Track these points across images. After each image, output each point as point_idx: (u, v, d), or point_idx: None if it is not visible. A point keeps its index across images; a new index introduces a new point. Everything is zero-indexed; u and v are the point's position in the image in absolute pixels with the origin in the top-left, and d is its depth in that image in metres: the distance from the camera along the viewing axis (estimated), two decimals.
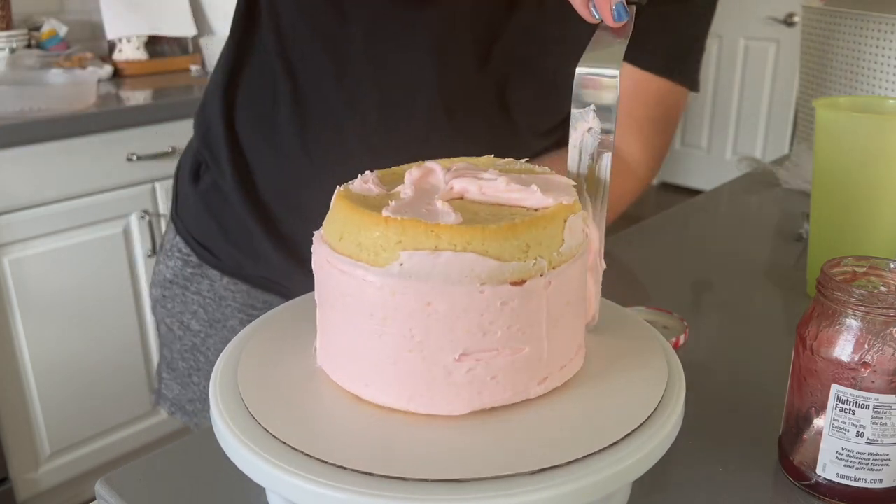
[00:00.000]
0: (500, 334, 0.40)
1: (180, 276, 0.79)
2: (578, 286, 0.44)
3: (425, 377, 0.40)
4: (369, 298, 0.39)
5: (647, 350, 0.47)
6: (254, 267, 0.75)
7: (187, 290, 0.78)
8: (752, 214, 1.04)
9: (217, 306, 0.77)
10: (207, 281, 0.77)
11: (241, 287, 0.77)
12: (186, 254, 0.79)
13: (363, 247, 0.40)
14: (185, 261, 0.79)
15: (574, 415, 0.41)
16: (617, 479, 0.37)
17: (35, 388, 1.69)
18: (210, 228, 0.77)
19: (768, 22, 3.63)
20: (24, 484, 1.72)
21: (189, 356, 0.79)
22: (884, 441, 0.43)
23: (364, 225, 0.40)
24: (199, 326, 0.78)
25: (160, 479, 0.49)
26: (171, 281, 0.79)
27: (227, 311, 0.77)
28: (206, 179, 0.77)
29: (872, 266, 0.47)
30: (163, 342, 0.83)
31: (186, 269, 0.78)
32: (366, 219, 0.40)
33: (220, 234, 0.76)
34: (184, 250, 0.79)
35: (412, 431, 0.40)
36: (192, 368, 0.79)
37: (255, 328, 0.51)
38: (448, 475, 0.36)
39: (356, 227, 0.40)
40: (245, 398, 0.42)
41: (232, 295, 0.77)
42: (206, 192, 0.77)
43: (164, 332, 0.82)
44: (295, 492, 0.36)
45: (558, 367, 0.43)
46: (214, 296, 0.77)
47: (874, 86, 1.01)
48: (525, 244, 0.39)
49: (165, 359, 0.83)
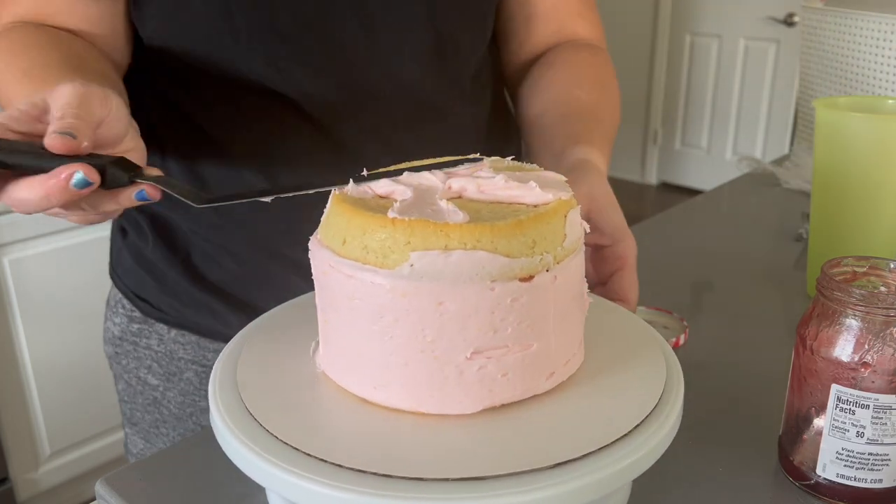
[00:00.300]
0: (510, 331, 0.40)
1: (128, 333, 0.76)
2: (580, 280, 0.44)
3: (437, 377, 0.40)
4: (378, 301, 0.39)
5: (647, 350, 0.47)
6: (197, 316, 0.72)
7: (138, 346, 0.76)
8: (752, 214, 1.04)
9: (170, 360, 0.74)
10: (156, 335, 0.74)
11: (191, 338, 0.73)
12: (130, 309, 0.76)
13: (370, 249, 0.39)
14: (129, 317, 0.76)
15: (573, 414, 0.41)
16: (616, 478, 0.37)
17: (35, 388, 1.69)
18: (145, 282, 0.74)
19: (768, 22, 3.64)
20: (24, 484, 1.72)
21: (153, 409, 0.77)
22: (884, 441, 0.43)
23: (370, 227, 0.39)
24: (157, 381, 0.75)
25: (160, 479, 0.49)
26: (121, 338, 0.77)
27: (181, 364, 0.74)
28: (131, 234, 0.75)
29: (872, 266, 0.47)
30: (121, 398, 0.80)
31: (133, 324, 0.76)
32: (372, 221, 0.39)
33: (156, 287, 0.73)
34: (127, 306, 0.76)
35: (421, 431, 0.40)
36: (157, 420, 0.77)
37: (256, 328, 0.51)
38: (447, 474, 0.36)
39: (361, 231, 0.40)
40: (246, 401, 0.42)
41: (182, 347, 0.74)
42: (132, 245, 0.74)
43: (123, 387, 0.79)
44: (301, 493, 0.36)
45: (564, 361, 0.43)
46: (165, 350, 0.74)
47: (874, 86, 1.01)
48: (532, 240, 0.40)
49: (126, 414, 0.80)
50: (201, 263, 0.70)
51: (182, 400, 0.75)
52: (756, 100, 3.79)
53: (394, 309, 0.39)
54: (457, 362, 0.40)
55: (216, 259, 0.70)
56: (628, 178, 4.37)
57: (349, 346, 0.42)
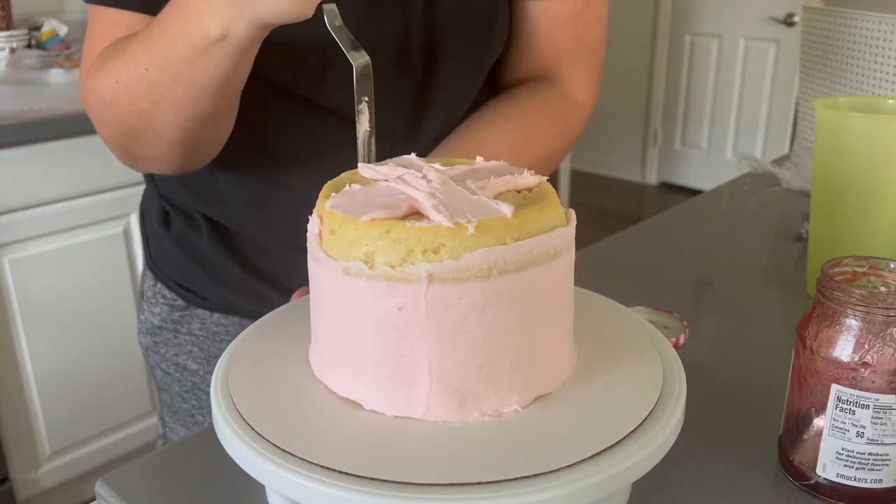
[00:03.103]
0: (504, 333, 0.40)
1: (169, 321, 0.77)
2: (569, 278, 0.44)
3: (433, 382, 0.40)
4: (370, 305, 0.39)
5: (647, 350, 0.47)
6: (244, 302, 0.74)
7: (178, 333, 0.77)
8: (752, 214, 1.04)
9: (212, 342, 0.75)
10: (198, 320, 0.76)
11: (233, 320, 0.75)
12: (171, 298, 0.77)
13: (369, 256, 0.39)
14: (171, 306, 0.77)
15: (574, 416, 0.41)
16: (617, 480, 0.37)
17: (35, 388, 1.69)
18: (192, 272, 0.75)
19: (768, 22, 3.64)
20: (24, 484, 1.72)
21: (190, 396, 0.78)
22: (884, 441, 0.43)
23: (368, 234, 0.39)
24: (197, 365, 0.76)
25: (160, 479, 0.49)
26: (161, 327, 0.78)
27: (223, 346, 0.75)
28: (177, 225, 0.75)
29: (872, 266, 0.47)
30: (160, 387, 0.81)
31: (174, 313, 0.77)
32: (374, 228, 0.39)
33: (204, 276, 0.74)
34: (168, 296, 0.77)
35: (413, 436, 0.40)
36: (194, 408, 0.78)
37: (255, 329, 0.51)
38: (449, 479, 0.36)
39: (372, 239, 0.39)
40: (240, 407, 0.42)
41: (225, 329, 0.75)
42: (180, 237, 0.75)
43: (160, 376, 0.80)
44: (302, 491, 0.36)
45: (561, 363, 0.43)
46: (207, 333, 0.76)
47: (874, 86, 1.01)
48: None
49: (165, 403, 0.81)
50: (250, 252, 0.72)
51: None
52: (756, 100, 3.79)
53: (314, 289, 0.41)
54: (455, 366, 0.40)
55: (264, 247, 0.71)
56: (628, 178, 4.37)
57: (341, 349, 0.42)
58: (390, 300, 0.39)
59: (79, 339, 1.73)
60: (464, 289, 0.38)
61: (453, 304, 0.39)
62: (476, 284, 0.39)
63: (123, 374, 1.82)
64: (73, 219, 1.66)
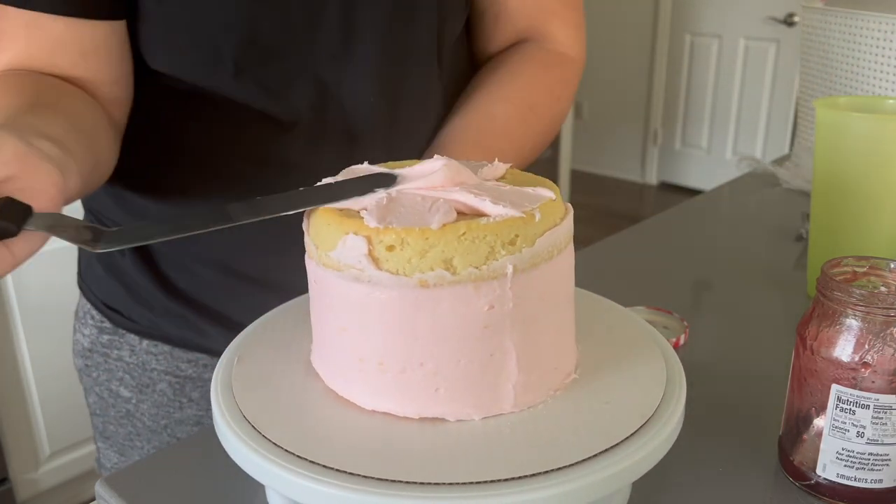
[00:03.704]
0: (506, 335, 0.40)
1: (98, 344, 0.74)
2: (567, 278, 0.45)
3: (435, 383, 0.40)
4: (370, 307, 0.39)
5: (647, 350, 0.47)
6: (170, 326, 0.71)
7: (109, 358, 0.74)
8: (752, 214, 1.04)
9: (142, 371, 0.73)
10: (127, 346, 0.73)
11: (163, 348, 0.71)
12: (100, 320, 0.74)
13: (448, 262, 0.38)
14: (99, 328, 0.74)
15: (574, 416, 0.41)
16: (617, 479, 0.37)
17: (35, 388, 1.69)
18: (117, 291, 0.71)
19: (768, 22, 3.63)
20: (24, 484, 1.72)
21: (126, 422, 0.75)
22: (884, 441, 0.43)
23: (410, 238, 0.38)
24: (129, 393, 0.74)
25: (160, 479, 0.49)
26: (91, 349, 0.75)
27: (154, 375, 0.72)
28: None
29: (872, 266, 0.47)
30: (92, 411, 0.78)
31: (103, 335, 0.74)
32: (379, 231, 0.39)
33: (128, 297, 0.71)
34: (96, 317, 0.74)
35: (413, 435, 0.40)
36: (131, 434, 0.75)
37: (254, 329, 0.51)
38: (450, 478, 0.36)
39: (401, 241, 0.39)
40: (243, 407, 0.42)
41: (154, 358, 0.72)
42: (104, 254, 0.71)
43: (94, 400, 0.77)
44: (303, 491, 0.36)
45: (563, 365, 0.43)
46: (137, 361, 0.72)
47: (874, 86, 1.01)
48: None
49: (98, 428, 0.78)
50: (173, 272, 0.68)
51: (156, 412, 0.73)
52: (756, 100, 3.79)
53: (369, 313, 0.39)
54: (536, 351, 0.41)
55: (188, 268, 0.68)
56: (628, 178, 4.37)
57: (331, 343, 0.42)
58: (478, 301, 0.38)
59: None
60: (539, 273, 0.40)
61: (532, 291, 0.40)
62: (545, 267, 0.40)
63: None
64: None
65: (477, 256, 0.38)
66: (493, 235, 0.38)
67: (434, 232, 0.38)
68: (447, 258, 0.38)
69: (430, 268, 0.38)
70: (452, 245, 0.38)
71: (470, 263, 0.38)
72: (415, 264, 0.38)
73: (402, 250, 0.38)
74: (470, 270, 0.38)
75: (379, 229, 0.38)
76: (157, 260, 0.69)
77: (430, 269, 0.38)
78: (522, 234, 0.39)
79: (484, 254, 0.38)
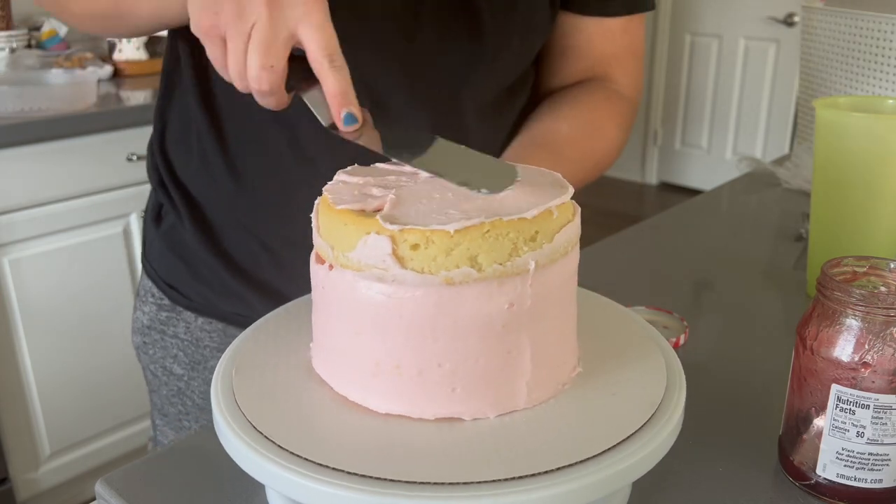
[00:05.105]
0: (508, 335, 0.40)
1: (156, 321, 0.78)
2: (570, 279, 0.45)
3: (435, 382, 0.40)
4: (373, 306, 0.40)
5: (647, 350, 0.47)
6: (226, 304, 0.73)
7: (165, 335, 0.77)
8: (752, 214, 1.04)
9: (196, 348, 0.75)
10: (183, 323, 0.76)
11: (217, 326, 0.75)
12: (159, 297, 0.77)
13: (474, 259, 0.39)
14: (158, 305, 0.78)
15: (574, 416, 0.41)
16: (617, 479, 0.37)
17: (35, 388, 1.69)
18: (177, 269, 0.75)
19: (768, 22, 3.63)
20: (24, 484, 1.72)
21: (176, 401, 0.78)
22: (884, 441, 0.43)
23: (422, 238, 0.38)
24: (182, 370, 0.76)
25: (160, 479, 0.49)
26: (149, 326, 0.78)
27: (206, 353, 0.75)
28: (167, 220, 0.76)
29: (872, 266, 0.47)
30: (150, 388, 0.81)
31: (161, 312, 0.77)
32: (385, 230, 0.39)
33: (187, 275, 0.75)
34: (156, 294, 0.78)
35: (412, 435, 0.40)
36: (181, 413, 0.78)
37: (254, 329, 0.51)
38: (447, 478, 0.36)
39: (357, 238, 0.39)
40: (242, 406, 0.42)
41: (208, 335, 0.75)
42: (167, 232, 0.76)
43: (150, 378, 0.80)
44: (303, 491, 0.36)
45: (564, 365, 0.43)
46: (191, 338, 0.76)
47: (874, 86, 1.01)
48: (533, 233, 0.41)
49: (156, 405, 0.81)
50: (234, 250, 0.72)
51: (205, 389, 0.75)
52: (756, 100, 3.79)
53: (389, 314, 0.39)
54: (550, 347, 0.41)
55: (248, 246, 0.71)
56: (628, 178, 4.37)
57: (342, 349, 0.42)
58: (500, 299, 0.39)
59: (79, 339, 1.73)
60: (557, 269, 0.41)
61: (550, 287, 0.40)
62: (562, 262, 0.41)
63: (123, 374, 1.82)
64: (73, 219, 1.66)
65: (501, 253, 0.38)
66: (516, 232, 0.39)
67: (459, 230, 0.38)
68: (472, 255, 0.38)
69: (455, 265, 0.38)
70: (477, 242, 0.38)
71: (495, 260, 0.38)
72: (440, 262, 0.38)
73: (427, 249, 0.38)
74: (495, 267, 0.38)
75: (408, 230, 0.38)
76: (220, 238, 0.72)
77: (455, 266, 0.38)
78: (542, 231, 0.40)
79: (507, 250, 0.39)
